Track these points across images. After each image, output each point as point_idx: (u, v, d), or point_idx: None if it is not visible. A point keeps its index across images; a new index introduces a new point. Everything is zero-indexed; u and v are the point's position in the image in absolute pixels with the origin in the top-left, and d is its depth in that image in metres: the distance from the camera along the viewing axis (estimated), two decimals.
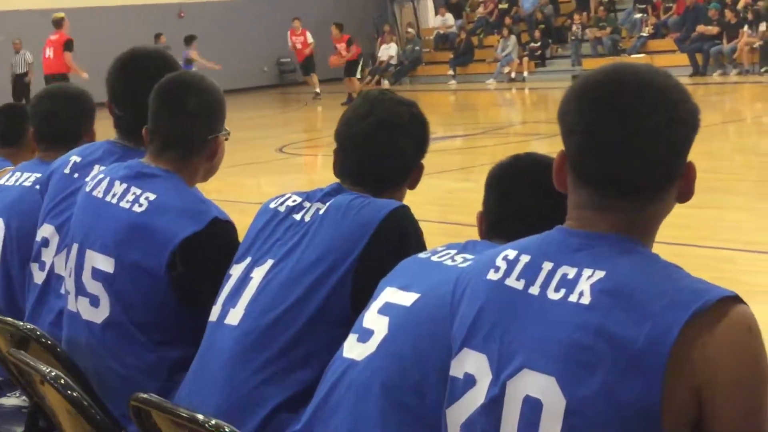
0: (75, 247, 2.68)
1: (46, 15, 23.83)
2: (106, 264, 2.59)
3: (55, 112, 3.44)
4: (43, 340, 2.53)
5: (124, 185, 2.64)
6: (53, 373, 2.20)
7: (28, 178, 3.34)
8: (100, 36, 22.64)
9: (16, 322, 2.64)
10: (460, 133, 15.74)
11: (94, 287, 2.60)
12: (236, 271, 2.40)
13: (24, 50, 21.77)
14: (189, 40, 21.93)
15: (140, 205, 2.58)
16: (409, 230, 2.31)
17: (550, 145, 2.30)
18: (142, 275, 2.54)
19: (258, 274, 2.34)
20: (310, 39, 22.99)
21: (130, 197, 2.61)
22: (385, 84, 25.05)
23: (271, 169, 13.32)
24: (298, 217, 2.38)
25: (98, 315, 2.59)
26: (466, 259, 2.00)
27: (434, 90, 23.90)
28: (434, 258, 2.06)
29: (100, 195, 2.67)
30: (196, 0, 27.41)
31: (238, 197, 9.79)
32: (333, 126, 2.55)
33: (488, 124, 17.97)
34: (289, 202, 2.43)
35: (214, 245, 2.54)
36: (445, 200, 9.45)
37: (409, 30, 27.38)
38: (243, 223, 2.56)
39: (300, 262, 2.29)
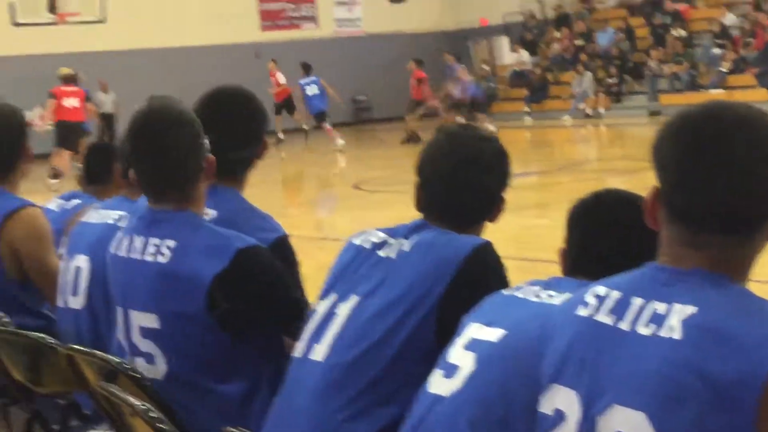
0: (119, 310, 2.72)
1: (132, 55, 24.39)
2: (150, 321, 2.62)
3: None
4: (132, 373, 2.57)
5: (142, 237, 2.66)
6: (143, 406, 2.24)
7: (112, 215, 3.41)
8: (181, 75, 23.03)
9: (105, 355, 2.69)
10: (535, 169, 15.68)
11: (146, 345, 2.64)
12: (321, 307, 2.42)
13: (110, 90, 22.29)
14: (307, 68, 22.20)
15: (163, 255, 2.60)
16: (494, 267, 2.32)
17: (627, 182, 2.29)
18: (187, 323, 2.57)
19: (343, 311, 2.35)
20: (281, 80, 22.94)
21: (151, 249, 2.63)
22: (460, 121, 25.09)
23: (348, 205, 13.40)
24: (383, 253, 2.40)
25: (157, 371, 2.62)
26: (550, 296, 2.01)
27: (509, 127, 23.85)
28: (519, 294, 2.07)
29: (124, 253, 2.71)
30: (273, 40, 27.80)
31: (315, 233, 9.88)
32: (410, 163, 2.56)
33: (564, 160, 17.88)
34: (374, 239, 2.44)
35: (245, 276, 2.56)
36: (521, 237, 9.41)
37: (484, 67, 27.40)
38: (321, 260, 2.58)
39: (385, 298, 2.30)
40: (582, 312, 1.71)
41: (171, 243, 2.60)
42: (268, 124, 3.12)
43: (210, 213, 2.87)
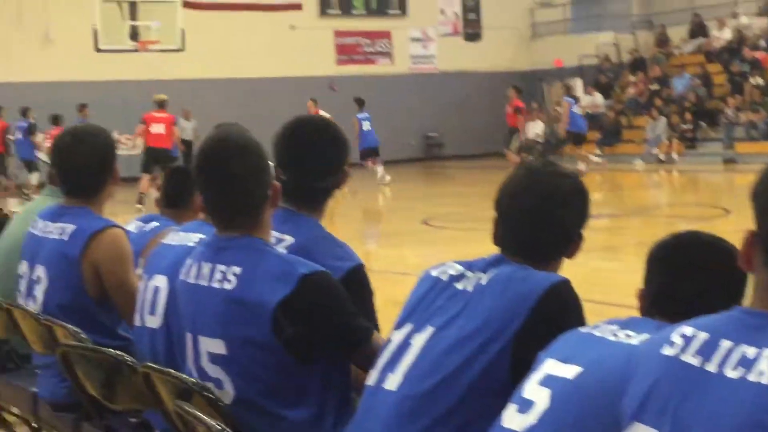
0: (188, 336, 2.75)
1: (210, 83, 24.76)
2: (218, 347, 2.65)
3: None
4: (207, 393, 2.60)
5: (210, 265, 2.70)
6: (218, 427, 2.27)
7: (192, 238, 3.47)
8: (257, 104, 23.33)
9: (180, 375, 2.73)
10: (606, 212, 15.55)
11: (215, 371, 2.67)
12: (396, 336, 2.43)
13: (193, 118, 22.69)
14: (361, 103, 22.34)
15: (229, 282, 2.63)
16: (571, 304, 2.31)
17: (699, 229, 2.27)
18: (254, 349, 2.59)
19: (418, 341, 2.36)
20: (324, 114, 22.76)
21: (218, 275, 2.66)
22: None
23: (416, 240, 13.41)
24: (460, 286, 2.41)
25: (226, 397, 2.64)
26: (628, 336, 2.00)
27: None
28: (596, 333, 2.06)
29: (192, 280, 2.74)
30: (348, 74, 28.04)
31: (384, 267, 9.89)
32: (480, 200, 2.57)
33: (635, 205, 17.72)
34: (451, 271, 2.45)
35: (309, 301, 2.57)
36: (590, 279, 9.32)
37: (557, 108, 27.33)
38: (388, 293, 2.58)
39: (461, 330, 2.31)
40: (668, 351, 1.71)
41: (237, 269, 2.63)
42: (349, 154, 3.15)
43: (288, 239, 2.90)
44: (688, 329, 1.71)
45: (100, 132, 3.89)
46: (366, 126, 21.52)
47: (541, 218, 2.46)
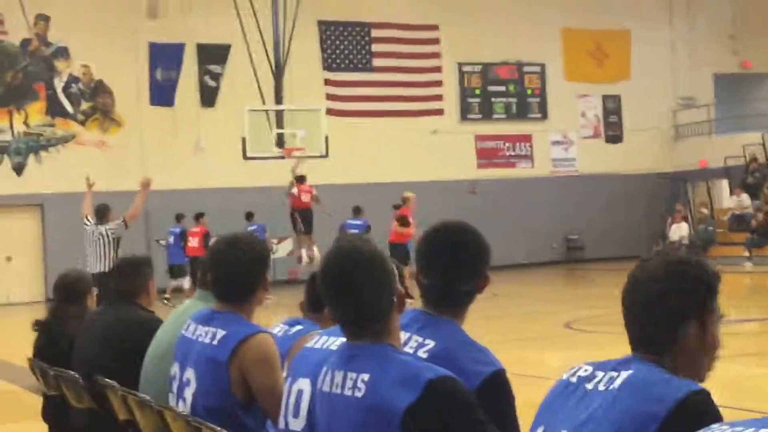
0: None
1: (352, 188, 25.24)
2: None
3: None
4: None
5: (341, 372, 2.73)
6: None
7: (335, 342, 3.55)
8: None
9: None
10: (755, 316, 15.09)
11: None
12: None
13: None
14: (357, 211, 22.34)
15: (359, 389, 2.66)
16: (709, 415, 2.24)
17: None
18: None
19: None
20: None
21: (349, 383, 2.69)
22: None
23: (558, 344, 13.26)
24: (590, 386, 2.39)
25: None
26: None
27: (728, 272, 23.08)
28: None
29: (327, 388, 2.78)
30: (488, 177, 28.21)
31: (524, 370, 9.81)
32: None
33: None
34: (581, 372, 2.44)
35: (437, 406, 2.57)
36: (739, 385, 9.04)
37: (703, 210, 26.82)
38: (527, 397, 2.57)
39: None
40: None
41: (365, 376, 2.67)
42: (491, 259, 3.19)
43: (429, 344, 2.95)
44: None
45: (255, 242, 4.04)
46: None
47: (655, 312, 2.41)
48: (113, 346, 5.07)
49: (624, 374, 2.36)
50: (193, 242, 20.97)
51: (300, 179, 21.04)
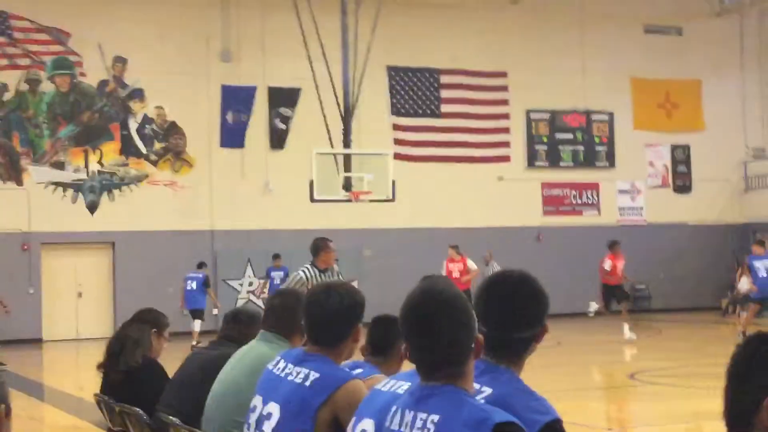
0: None
1: (416, 232, 25.30)
2: None
3: None
4: None
5: (411, 413, 2.78)
6: None
7: (402, 386, 3.60)
8: (467, 255, 23.58)
9: None
10: None
11: None
12: None
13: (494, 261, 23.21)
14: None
15: (429, 430, 2.70)
16: None
17: None
18: None
19: None
20: (473, 266, 21.84)
21: (419, 423, 2.74)
22: (743, 316, 24.14)
23: (620, 395, 13.13)
24: None
25: None
26: None
27: None
28: None
29: (396, 427, 2.82)
30: (554, 225, 28.12)
31: (584, 420, 9.74)
32: (691, 356, 2.53)
33: None
34: None
35: None
36: None
37: None
38: None
39: None
40: None
41: (435, 417, 2.71)
42: (549, 308, 3.25)
43: (486, 391, 3.01)
44: None
45: (352, 292, 4.12)
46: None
47: (743, 386, 2.35)
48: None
49: None
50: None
51: None
